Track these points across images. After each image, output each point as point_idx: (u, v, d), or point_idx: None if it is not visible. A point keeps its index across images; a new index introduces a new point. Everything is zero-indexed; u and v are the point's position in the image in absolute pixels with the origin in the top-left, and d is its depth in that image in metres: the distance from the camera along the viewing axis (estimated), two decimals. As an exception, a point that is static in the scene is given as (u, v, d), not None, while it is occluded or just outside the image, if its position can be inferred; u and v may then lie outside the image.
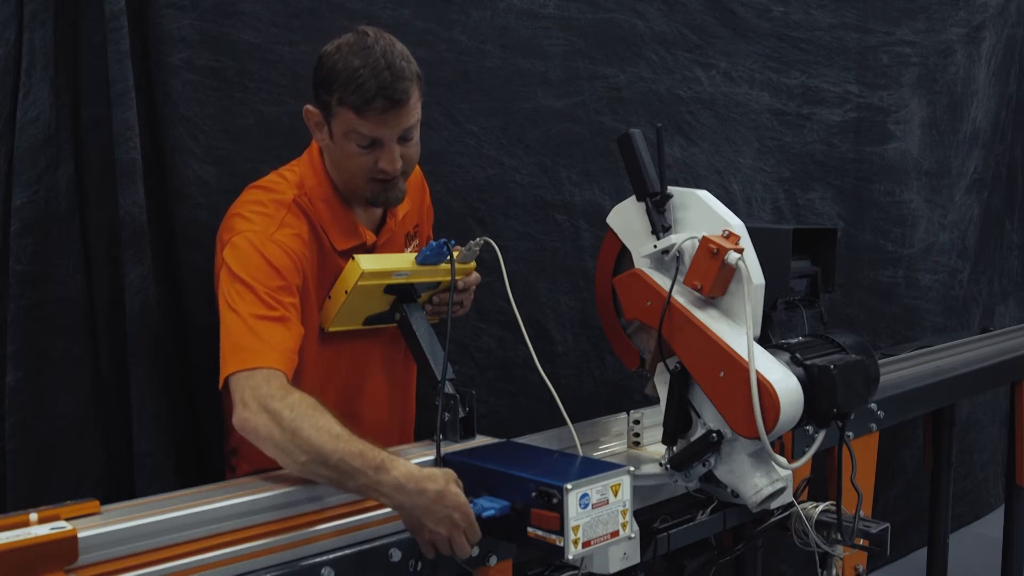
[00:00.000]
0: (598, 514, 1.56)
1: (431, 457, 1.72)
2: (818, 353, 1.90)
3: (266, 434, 1.60)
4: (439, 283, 2.03)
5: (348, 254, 1.93)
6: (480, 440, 1.87)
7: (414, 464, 1.60)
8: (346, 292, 1.88)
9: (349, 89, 1.77)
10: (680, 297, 1.85)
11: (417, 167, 2.15)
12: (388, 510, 1.63)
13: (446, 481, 1.58)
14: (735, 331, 1.80)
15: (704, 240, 1.82)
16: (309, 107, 1.88)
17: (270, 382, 1.64)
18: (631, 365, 2.09)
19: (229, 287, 1.75)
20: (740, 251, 1.79)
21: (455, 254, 1.99)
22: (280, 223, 1.83)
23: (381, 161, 1.84)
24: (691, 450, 1.89)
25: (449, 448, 1.77)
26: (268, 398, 1.62)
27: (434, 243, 1.94)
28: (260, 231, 1.80)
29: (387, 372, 2.08)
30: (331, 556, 1.55)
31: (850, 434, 2.19)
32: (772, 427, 1.73)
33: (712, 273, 1.80)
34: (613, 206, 2.03)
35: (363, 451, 1.57)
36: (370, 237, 1.99)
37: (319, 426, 1.58)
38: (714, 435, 1.85)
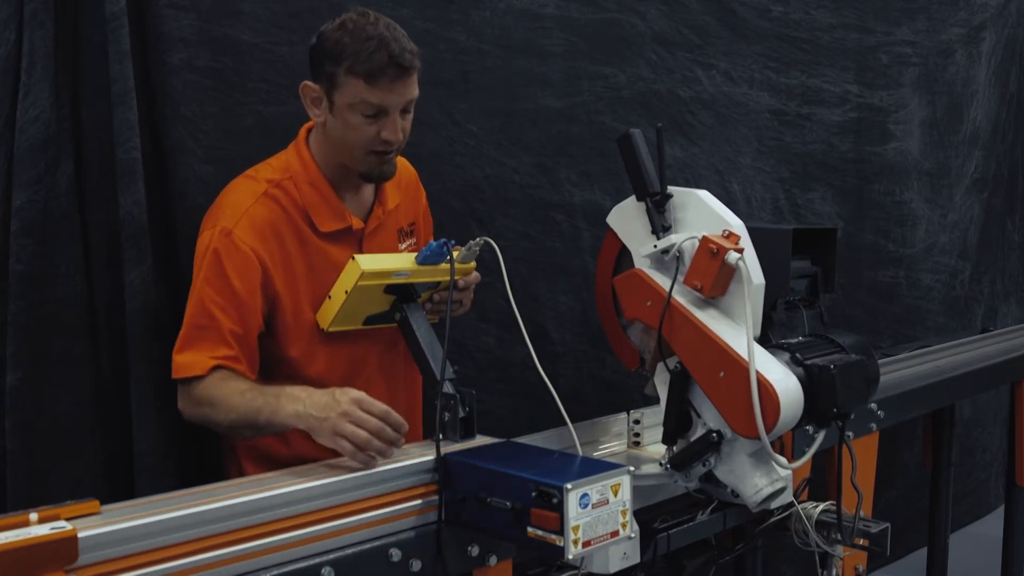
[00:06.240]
0: (598, 514, 1.56)
1: (431, 457, 1.71)
2: (818, 353, 1.90)
3: (199, 419, 1.86)
4: (439, 283, 2.03)
5: (333, 237, 1.95)
6: (480, 440, 1.86)
7: None
8: (346, 292, 1.88)
9: (360, 58, 1.81)
10: (680, 297, 1.84)
11: (412, 169, 2.16)
12: (388, 510, 1.63)
13: (342, 391, 1.72)
14: (735, 331, 1.80)
15: (704, 240, 1.82)
16: (307, 83, 1.91)
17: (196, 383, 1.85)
18: (631, 365, 2.09)
19: (193, 294, 1.88)
20: (740, 251, 1.79)
21: (455, 254, 1.99)
22: (244, 213, 1.88)
23: (384, 131, 1.88)
24: (691, 450, 1.89)
25: (449, 448, 1.77)
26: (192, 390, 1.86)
27: (434, 243, 1.94)
28: (225, 226, 1.87)
29: (385, 375, 2.08)
30: (331, 556, 1.55)
31: (850, 434, 2.19)
32: (772, 427, 1.73)
33: (712, 273, 1.80)
34: (613, 206, 2.03)
35: (264, 389, 1.79)
36: (356, 223, 1.99)
37: (230, 390, 1.81)
38: (714, 435, 1.85)
